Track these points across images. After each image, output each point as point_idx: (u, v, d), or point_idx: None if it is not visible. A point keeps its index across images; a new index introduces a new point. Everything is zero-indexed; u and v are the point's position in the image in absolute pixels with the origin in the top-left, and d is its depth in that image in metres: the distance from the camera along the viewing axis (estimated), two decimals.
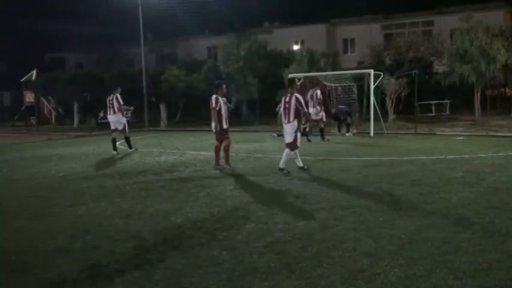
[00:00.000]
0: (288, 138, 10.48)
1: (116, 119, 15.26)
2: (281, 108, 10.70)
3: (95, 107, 30.33)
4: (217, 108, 11.03)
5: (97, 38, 44.60)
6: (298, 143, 10.59)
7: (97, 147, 17.32)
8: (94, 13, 49.61)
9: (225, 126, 11.26)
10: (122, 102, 15.16)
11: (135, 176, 10.53)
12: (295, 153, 10.67)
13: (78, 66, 49.16)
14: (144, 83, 30.87)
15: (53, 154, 15.55)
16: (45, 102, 35.36)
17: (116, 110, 15.17)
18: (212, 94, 11.23)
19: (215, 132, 11.27)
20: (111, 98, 15.26)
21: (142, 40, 31.47)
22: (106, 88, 35.72)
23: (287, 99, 10.47)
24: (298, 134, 10.51)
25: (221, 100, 11.13)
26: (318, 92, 18.16)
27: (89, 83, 36.08)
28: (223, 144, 11.31)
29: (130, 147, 15.51)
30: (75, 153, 15.49)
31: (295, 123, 10.35)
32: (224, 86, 11.45)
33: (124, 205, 7.75)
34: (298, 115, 10.37)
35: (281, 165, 10.45)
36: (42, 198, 8.60)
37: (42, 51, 51.55)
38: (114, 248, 5.56)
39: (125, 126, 15.45)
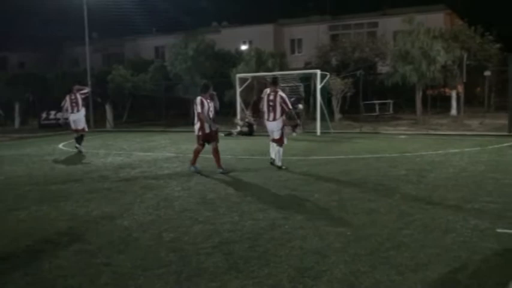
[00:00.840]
0: (276, 135, 10.79)
1: (80, 117, 15.26)
2: (264, 106, 10.96)
3: (37, 107, 29.41)
4: (203, 113, 10.19)
5: (40, 36, 43.24)
6: (285, 141, 10.94)
7: (40, 149, 16.81)
8: (37, 11, 48.02)
9: (207, 130, 10.30)
10: (85, 93, 15.53)
11: (80, 178, 10.28)
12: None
13: (20, 66, 47.52)
14: (89, 82, 30.15)
15: None
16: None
17: (81, 106, 15.18)
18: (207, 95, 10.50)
19: (198, 135, 10.37)
20: (73, 96, 15.15)
21: (87, 39, 30.71)
22: (49, 88, 34.86)
23: (271, 97, 10.77)
24: (285, 131, 11.02)
25: (206, 102, 10.30)
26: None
27: (31, 83, 34.99)
28: (212, 147, 10.49)
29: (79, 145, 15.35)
30: (16, 156, 14.98)
31: (281, 120, 10.73)
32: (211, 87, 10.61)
33: (68, 208, 7.55)
34: (283, 112, 10.74)
35: (278, 162, 10.76)
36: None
37: None
38: (57, 253, 5.41)
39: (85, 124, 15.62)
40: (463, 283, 4.30)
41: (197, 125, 10.44)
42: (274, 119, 10.73)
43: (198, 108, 10.19)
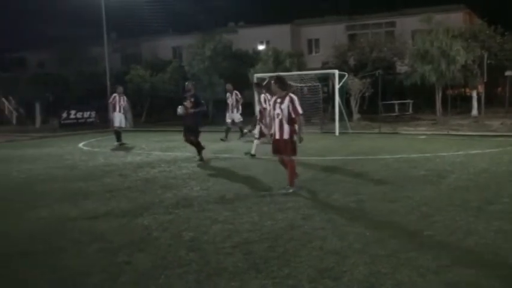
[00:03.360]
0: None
1: (121, 117, 17.37)
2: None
3: (57, 107, 29.75)
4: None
5: (59, 37, 43.71)
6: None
7: (60, 148, 16.99)
8: (56, 12, 48.59)
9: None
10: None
11: (100, 177, 10.37)
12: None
13: (39, 66, 48.06)
14: (108, 82, 30.43)
15: (15, 155, 15.17)
16: (6, 103, 34.43)
17: (120, 108, 17.27)
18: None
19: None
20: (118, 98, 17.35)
21: (105, 39, 31.00)
22: (68, 88, 35.24)
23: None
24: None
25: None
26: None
27: (51, 83, 35.40)
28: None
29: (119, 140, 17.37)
30: (37, 154, 15.15)
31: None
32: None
33: (89, 207, 7.63)
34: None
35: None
36: (3, 201, 8.39)
37: (1, 50, 50.18)
38: (78, 251, 5.47)
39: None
40: (485, 286, 4.25)
41: (288, 129, 8.24)
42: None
43: (299, 109, 8.12)
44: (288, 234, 5.82)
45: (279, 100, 8.24)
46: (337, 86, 20.79)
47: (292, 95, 8.26)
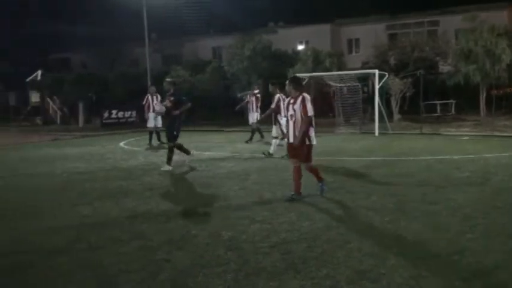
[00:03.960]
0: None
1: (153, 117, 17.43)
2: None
3: (99, 106, 30.42)
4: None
5: (101, 38, 44.64)
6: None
7: (101, 147, 17.36)
8: (98, 13, 49.55)
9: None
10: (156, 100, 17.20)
11: (140, 176, 10.54)
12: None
13: (82, 67, 49.22)
14: (149, 83, 30.89)
15: (58, 154, 15.58)
16: (51, 103, 35.42)
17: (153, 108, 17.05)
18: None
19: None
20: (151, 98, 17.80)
21: (146, 40, 31.48)
22: (110, 88, 35.94)
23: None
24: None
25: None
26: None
27: (93, 83, 36.21)
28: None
29: (155, 140, 17.61)
30: (80, 153, 15.52)
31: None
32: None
33: (129, 205, 7.76)
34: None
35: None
36: (46, 198, 8.62)
37: (46, 51, 51.60)
38: (118, 248, 5.57)
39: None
40: None
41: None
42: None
43: (309, 110, 7.67)
44: (325, 235, 5.78)
45: (292, 101, 7.83)
46: (377, 86, 20.53)
47: (305, 95, 7.77)
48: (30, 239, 6.09)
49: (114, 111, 29.08)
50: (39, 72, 36.44)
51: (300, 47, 39.02)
